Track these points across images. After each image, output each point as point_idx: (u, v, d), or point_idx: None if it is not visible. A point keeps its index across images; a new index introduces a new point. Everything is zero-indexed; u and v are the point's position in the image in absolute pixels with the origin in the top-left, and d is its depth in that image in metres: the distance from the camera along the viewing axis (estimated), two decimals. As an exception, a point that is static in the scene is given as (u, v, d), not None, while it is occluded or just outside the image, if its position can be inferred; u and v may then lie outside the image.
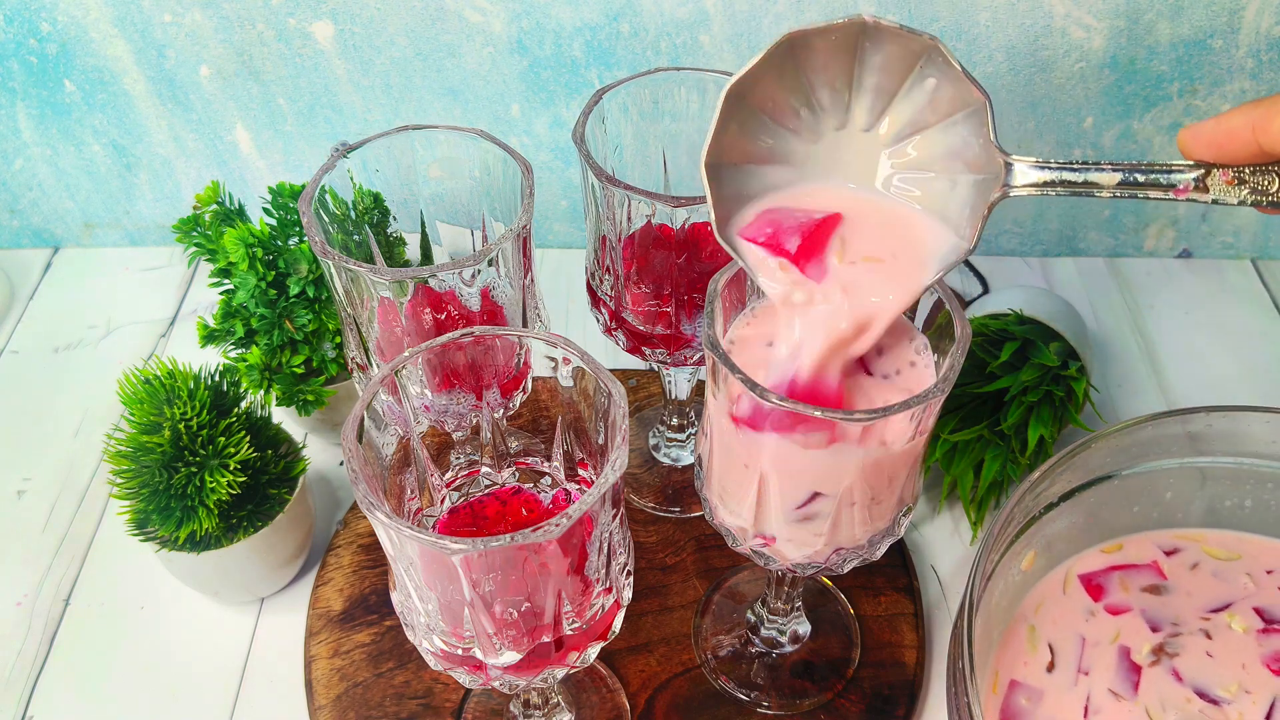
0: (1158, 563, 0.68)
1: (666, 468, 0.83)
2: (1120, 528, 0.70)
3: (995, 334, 0.80)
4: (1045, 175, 0.46)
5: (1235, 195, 0.44)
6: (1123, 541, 0.70)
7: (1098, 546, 0.69)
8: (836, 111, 0.49)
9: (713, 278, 0.51)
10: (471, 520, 0.56)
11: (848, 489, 0.50)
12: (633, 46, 0.88)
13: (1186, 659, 0.64)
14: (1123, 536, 0.70)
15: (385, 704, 0.69)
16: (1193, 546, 0.69)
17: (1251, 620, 0.65)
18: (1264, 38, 0.86)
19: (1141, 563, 0.68)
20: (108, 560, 0.80)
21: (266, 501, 0.71)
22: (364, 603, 0.74)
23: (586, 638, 0.51)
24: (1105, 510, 0.68)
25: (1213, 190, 0.44)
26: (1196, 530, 0.70)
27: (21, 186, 1.01)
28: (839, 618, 0.73)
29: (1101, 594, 0.67)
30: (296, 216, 0.74)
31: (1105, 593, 0.67)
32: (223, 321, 0.74)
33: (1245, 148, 0.43)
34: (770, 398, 0.45)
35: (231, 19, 0.88)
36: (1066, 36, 0.86)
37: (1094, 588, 0.67)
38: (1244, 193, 0.44)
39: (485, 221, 0.64)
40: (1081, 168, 0.45)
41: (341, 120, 0.95)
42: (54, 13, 0.88)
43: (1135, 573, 0.68)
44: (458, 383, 0.57)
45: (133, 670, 0.73)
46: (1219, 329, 0.95)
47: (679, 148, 0.68)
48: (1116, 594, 0.67)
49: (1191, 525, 0.70)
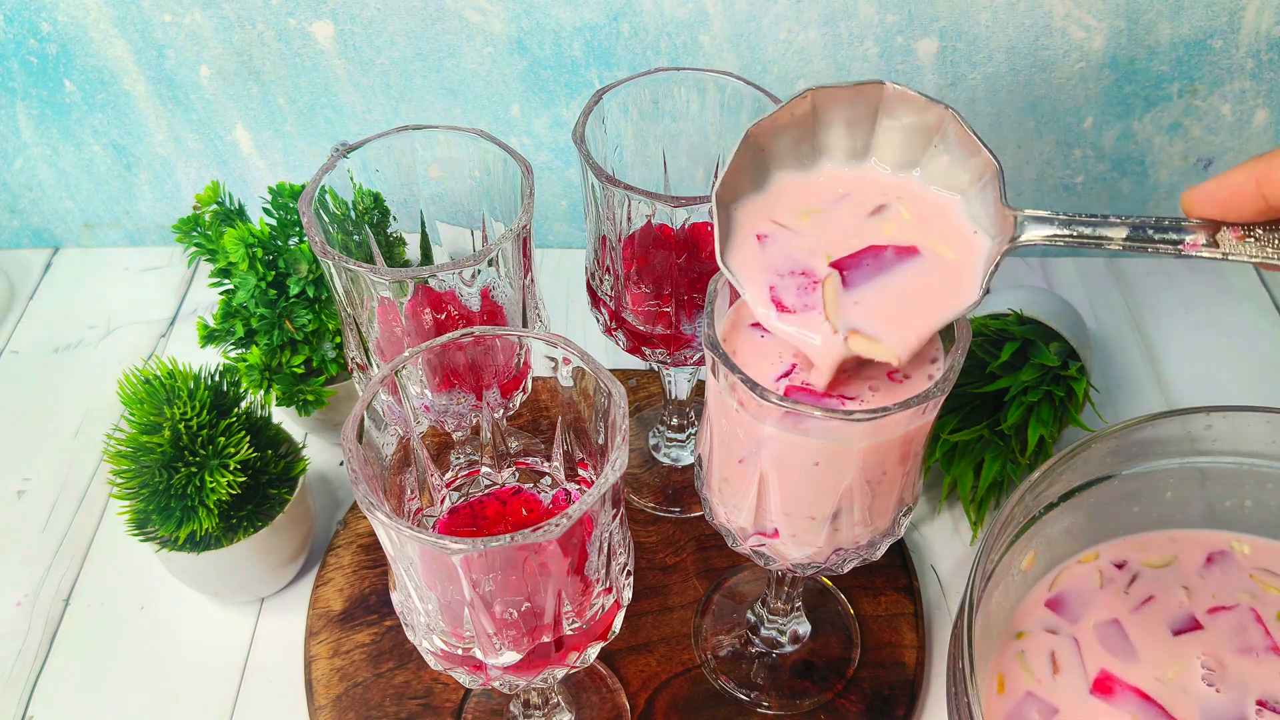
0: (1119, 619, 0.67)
1: (666, 468, 0.83)
2: (1120, 528, 0.70)
3: (995, 334, 0.80)
4: (1054, 230, 0.46)
5: (1245, 251, 0.43)
6: (1098, 550, 0.70)
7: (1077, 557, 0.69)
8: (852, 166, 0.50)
9: (713, 278, 0.51)
10: (471, 520, 0.56)
11: (848, 489, 0.50)
12: (633, 46, 0.88)
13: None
14: (1121, 538, 0.70)
15: (385, 704, 0.69)
16: (1135, 558, 0.69)
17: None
18: (1264, 38, 0.86)
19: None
20: (108, 560, 0.80)
21: (266, 501, 0.71)
22: (364, 603, 0.74)
23: (586, 638, 0.51)
24: (1105, 510, 0.68)
25: (1223, 246, 0.43)
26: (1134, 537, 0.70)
27: (21, 186, 1.01)
28: (839, 618, 0.73)
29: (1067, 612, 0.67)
30: (296, 216, 0.74)
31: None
32: (223, 321, 0.74)
33: (1251, 204, 0.41)
34: (770, 398, 0.45)
35: (231, 19, 0.88)
36: (1066, 36, 0.86)
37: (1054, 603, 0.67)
38: (1253, 249, 0.43)
39: (485, 221, 0.64)
40: (1092, 221, 0.45)
41: (341, 120, 0.95)
42: (54, 13, 0.88)
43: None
44: (458, 383, 0.57)
45: (133, 670, 0.73)
46: (1219, 329, 0.95)
47: (679, 148, 0.68)
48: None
49: (1191, 526, 0.70)
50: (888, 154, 0.49)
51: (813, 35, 0.86)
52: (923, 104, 0.47)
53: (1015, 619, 0.67)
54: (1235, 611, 0.66)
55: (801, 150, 0.50)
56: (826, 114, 0.48)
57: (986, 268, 0.47)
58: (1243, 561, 0.69)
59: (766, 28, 0.86)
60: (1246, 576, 0.68)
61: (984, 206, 0.47)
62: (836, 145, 0.50)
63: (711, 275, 0.52)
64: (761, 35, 0.87)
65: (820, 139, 0.49)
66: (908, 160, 0.49)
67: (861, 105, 0.48)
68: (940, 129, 0.47)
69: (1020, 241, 0.46)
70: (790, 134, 0.49)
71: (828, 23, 0.86)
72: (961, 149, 0.47)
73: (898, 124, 0.48)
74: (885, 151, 0.49)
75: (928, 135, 0.48)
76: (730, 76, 0.63)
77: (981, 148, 0.46)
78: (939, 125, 0.47)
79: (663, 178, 0.69)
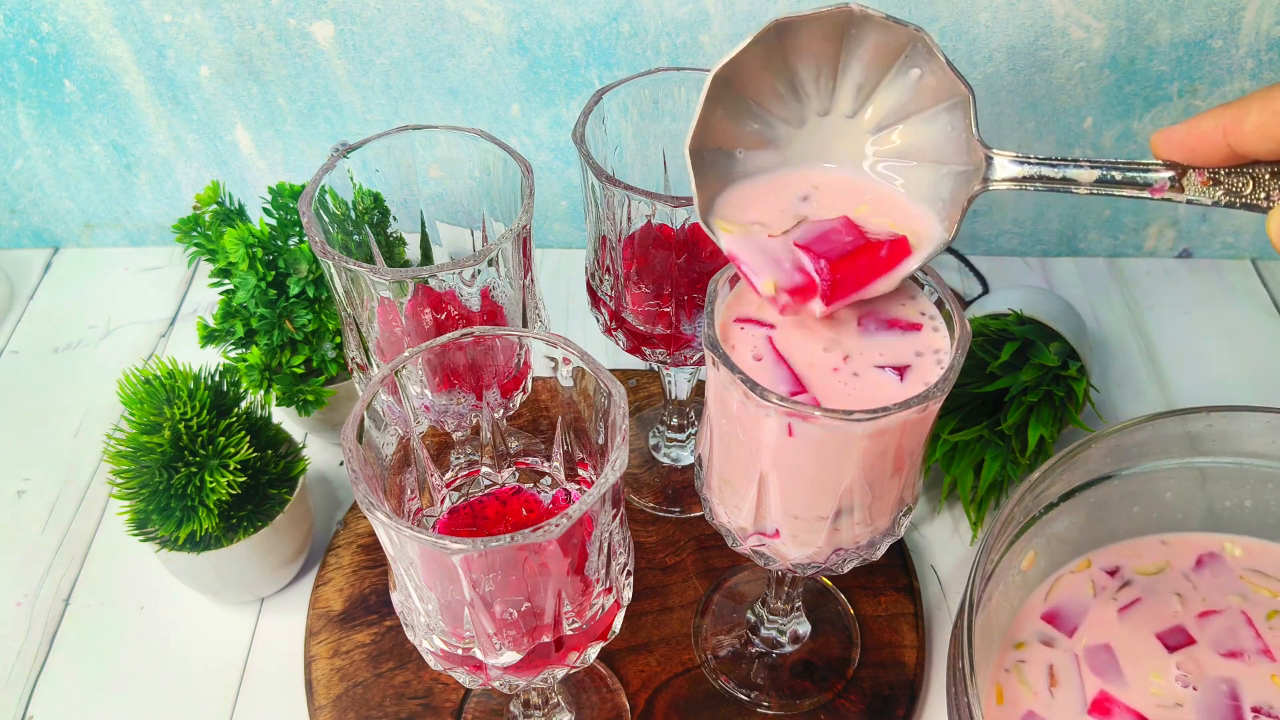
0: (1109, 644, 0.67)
1: (666, 468, 0.83)
2: (1120, 528, 0.70)
3: (995, 334, 0.80)
4: (1024, 170, 0.47)
5: (1210, 196, 0.44)
6: (1090, 557, 0.70)
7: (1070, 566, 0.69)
8: (821, 97, 0.50)
9: (713, 278, 0.51)
10: (471, 520, 0.56)
11: (848, 489, 0.50)
12: (633, 46, 0.88)
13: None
14: (1115, 543, 0.70)
15: (385, 704, 0.69)
16: (1128, 564, 0.69)
17: None
18: (1264, 38, 0.86)
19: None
20: (108, 560, 0.80)
21: (266, 501, 0.71)
22: (364, 603, 0.74)
23: (586, 638, 0.51)
24: (1105, 510, 0.68)
25: (1188, 190, 0.45)
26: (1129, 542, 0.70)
27: (21, 186, 1.01)
28: (839, 618, 0.73)
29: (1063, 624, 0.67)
30: (296, 216, 0.74)
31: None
32: (223, 321, 0.74)
33: (1216, 150, 0.43)
34: (770, 397, 0.45)
35: (231, 19, 0.88)
36: (1066, 36, 0.86)
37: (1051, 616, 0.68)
38: (1218, 193, 0.44)
39: (485, 221, 0.64)
40: (1060, 163, 0.46)
41: (341, 120, 0.95)
42: (54, 13, 0.88)
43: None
44: (458, 383, 0.57)
45: (133, 670, 0.73)
46: (1219, 329, 0.95)
47: (679, 148, 0.67)
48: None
49: (1191, 527, 0.70)
50: (853, 76, 0.49)
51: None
52: (890, 26, 0.46)
53: (1013, 627, 0.67)
54: (1225, 614, 0.66)
55: (773, 84, 0.49)
56: (793, 42, 0.48)
57: (958, 204, 0.48)
58: (1233, 563, 0.69)
59: (766, 28, 0.86)
60: (1237, 578, 0.68)
61: (954, 131, 0.47)
62: (805, 74, 0.49)
63: (711, 275, 0.52)
64: (761, 35, 0.87)
65: (791, 67, 0.49)
66: (877, 79, 0.49)
67: (828, 30, 0.47)
68: (910, 49, 0.47)
69: (991, 181, 0.47)
70: (757, 68, 0.48)
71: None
72: (930, 71, 0.47)
73: (864, 46, 0.48)
74: (850, 73, 0.49)
75: (895, 56, 0.48)
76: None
77: (949, 71, 0.46)
78: (907, 46, 0.47)
79: (663, 178, 0.69)
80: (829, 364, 0.50)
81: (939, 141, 0.49)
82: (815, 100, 0.50)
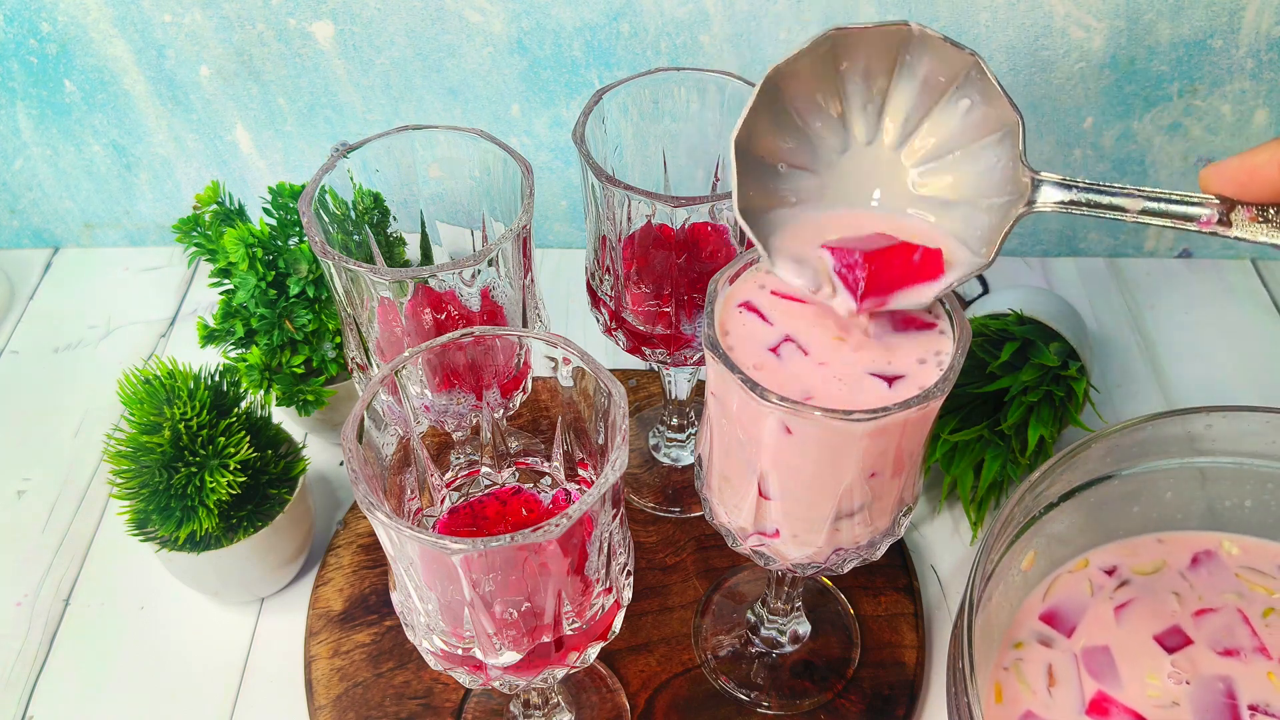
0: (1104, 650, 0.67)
1: (666, 468, 0.83)
2: (1120, 528, 0.70)
3: (995, 334, 0.80)
4: (1071, 195, 0.46)
5: (1259, 234, 0.43)
6: (1088, 556, 0.70)
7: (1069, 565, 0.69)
8: (867, 124, 0.49)
9: (713, 278, 0.51)
10: (471, 520, 0.56)
11: (848, 489, 0.50)
12: (633, 46, 0.88)
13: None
14: (1114, 542, 0.70)
15: (385, 704, 0.69)
16: (1126, 563, 0.69)
17: None
18: (1264, 38, 0.86)
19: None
20: (108, 560, 0.80)
21: (266, 501, 0.71)
22: (364, 603, 0.74)
23: (586, 638, 0.51)
24: (1105, 510, 0.68)
25: (1236, 226, 0.43)
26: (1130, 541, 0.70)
27: (21, 186, 1.01)
28: (839, 618, 0.73)
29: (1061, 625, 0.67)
30: (296, 216, 0.74)
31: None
32: (223, 321, 0.74)
33: (1269, 184, 0.42)
34: (770, 397, 0.45)
35: (231, 19, 0.88)
36: (1066, 36, 0.86)
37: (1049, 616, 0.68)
38: (1267, 230, 0.43)
39: (485, 221, 0.64)
40: (1107, 190, 0.45)
41: (341, 120, 0.95)
42: (54, 13, 0.88)
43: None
44: (458, 383, 0.57)
45: (133, 670, 0.73)
46: (1219, 329, 0.95)
47: (679, 148, 0.68)
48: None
49: (1191, 527, 0.70)
50: (901, 103, 0.48)
51: (813, 35, 0.86)
52: (946, 49, 0.45)
53: (1013, 626, 0.67)
54: (1222, 612, 0.66)
55: (820, 100, 0.49)
56: (847, 56, 0.47)
57: (999, 230, 0.47)
58: (1229, 561, 0.69)
59: (766, 28, 0.86)
60: (1233, 576, 0.68)
61: (1000, 163, 0.47)
62: (854, 94, 0.49)
63: (711, 275, 0.52)
64: (761, 35, 0.87)
65: (840, 84, 0.48)
66: (926, 109, 0.48)
67: (883, 47, 0.47)
68: (964, 76, 0.46)
69: (1036, 205, 0.46)
70: (809, 77, 0.48)
71: (827, 22, 0.86)
72: (983, 99, 0.46)
73: (918, 70, 0.47)
74: (900, 100, 0.48)
75: (948, 82, 0.47)
76: (730, 76, 0.63)
77: (1003, 97, 0.45)
78: (961, 72, 0.46)
79: (663, 178, 0.69)
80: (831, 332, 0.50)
81: (982, 176, 0.48)
82: (860, 127, 0.49)
